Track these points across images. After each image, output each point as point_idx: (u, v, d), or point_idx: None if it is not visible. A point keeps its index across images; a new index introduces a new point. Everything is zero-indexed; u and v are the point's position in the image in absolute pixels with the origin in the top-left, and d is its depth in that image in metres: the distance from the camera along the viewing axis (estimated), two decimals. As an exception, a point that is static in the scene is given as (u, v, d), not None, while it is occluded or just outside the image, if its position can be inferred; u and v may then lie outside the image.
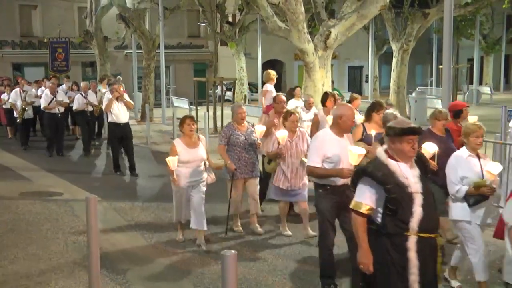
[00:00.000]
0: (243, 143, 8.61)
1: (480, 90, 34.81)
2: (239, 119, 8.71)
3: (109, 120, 13.46)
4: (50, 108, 15.84)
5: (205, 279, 6.85)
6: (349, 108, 6.62)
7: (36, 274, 7.07)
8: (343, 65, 44.76)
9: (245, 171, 8.68)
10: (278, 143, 8.22)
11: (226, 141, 8.67)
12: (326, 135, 6.43)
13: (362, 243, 4.69)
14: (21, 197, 11.24)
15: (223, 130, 8.92)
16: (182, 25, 39.37)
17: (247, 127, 8.77)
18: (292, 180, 8.32)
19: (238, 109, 8.79)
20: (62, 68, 29.56)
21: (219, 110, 20.72)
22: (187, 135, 8.13)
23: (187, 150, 8.01)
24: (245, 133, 8.68)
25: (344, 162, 6.18)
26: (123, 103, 13.11)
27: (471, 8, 25.64)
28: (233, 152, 8.63)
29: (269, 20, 15.91)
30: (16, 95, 17.91)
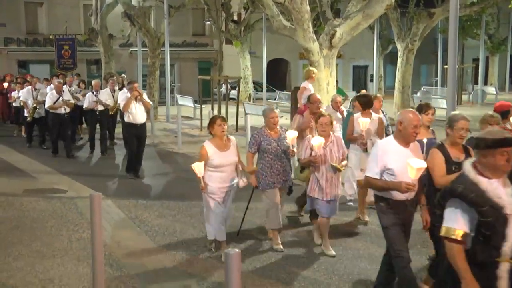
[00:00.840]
0: (275, 150, 7.88)
1: (485, 90, 34.75)
2: (271, 124, 7.94)
3: (126, 120, 12.67)
4: (56, 107, 15.28)
5: (209, 277, 6.86)
6: (410, 112, 5.81)
7: (40, 271, 7.09)
8: (348, 64, 44.73)
9: (278, 180, 7.92)
10: (311, 149, 7.55)
11: (256, 148, 7.92)
12: (389, 144, 5.75)
13: (465, 273, 4.07)
14: (25, 194, 11.27)
15: (253, 136, 8.07)
16: (187, 24, 39.39)
17: (280, 132, 8.01)
18: (327, 190, 7.55)
19: (270, 113, 8.02)
20: (69, 65, 29.38)
21: (223, 108, 20.72)
22: (218, 137, 7.47)
23: (218, 154, 7.39)
24: (278, 139, 7.93)
25: (406, 176, 5.47)
26: (141, 103, 12.52)
27: (477, 7, 25.60)
28: (264, 160, 7.92)
29: (274, 19, 15.92)
30: (27, 93, 17.25)
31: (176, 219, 9.41)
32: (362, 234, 8.59)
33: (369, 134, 8.99)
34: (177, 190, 11.58)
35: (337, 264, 7.29)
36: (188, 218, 9.46)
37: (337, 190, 7.67)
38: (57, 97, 15.28)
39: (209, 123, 7.59)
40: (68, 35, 31.31)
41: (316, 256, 7.62)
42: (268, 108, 8.40)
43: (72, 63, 29.65)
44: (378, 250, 7.39)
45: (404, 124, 5.63)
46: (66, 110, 15.42)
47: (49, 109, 15.45)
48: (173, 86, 32.90)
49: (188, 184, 12.13)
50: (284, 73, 43.71)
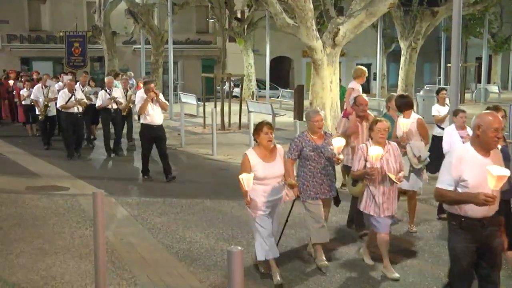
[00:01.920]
0: (319, 157, 7.10)
1: (488, 89, 34.67)
2: (315, 128, 7.12)
3: (142, 122, 12.18)
4: (68, 107, 14.51)
5: (211, 276, 6.86)
6: (489, 113, 5.10)
7: (42, 268, 7.09)
8: (351, 62, 44.52)
9: (321, 191, 7.15)
10: (365, 160, 6.79)
11: (297, 154, 7.15)
12: (466, 151, 5.01)
13: None
14: (27, 192, 11.27)
15: (294, 141, 7.25)
16: (190, 21, 39.37)
17: (324, 137, 7.22)
18: (384, 205, 6.80)
19: (314, 115, 7.13)
20: (79, 63, 28.74)
21: (226, 106, 20.72)
22: (263, 146, 6.64)
23: (263, 165, 6.56)
24: (321, 145, 7.13)
25: (484, 189, 4.71)
26: (158, 104, 12.00)
27: (480, 6, 25.59)
28: (305, 168, 7.15)
29: (277, 16, 15.91)
30: (38, 91, 16.48)
31: (179, 217, 9.41)
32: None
33: (410, 137, 8.32)
34: (179, 188, 11.58)
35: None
36: (191, 216, 9.47)
37: (394, 205, 6.91)
38: (69, 95, 14.54)
39: (254, 129, 6.74)
40: (79, 32, 30.71)
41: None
42: (312, 110, 7.38)
43: (82, 61, 28.89)
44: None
45: (482, 128, 4.90)
46: (79, 109, 14.74)
47: (61, 109, 14.74)
48: (176, 83, 32.92)
49: (191, 182, 12.15)
50: (287, 71, 43.66)
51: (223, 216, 9.42)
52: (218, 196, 10.76)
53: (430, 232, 8.60)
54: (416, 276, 6.87)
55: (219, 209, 9.86)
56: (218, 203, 10.27)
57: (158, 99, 11.96)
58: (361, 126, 8.34)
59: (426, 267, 7.16)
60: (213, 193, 10.99)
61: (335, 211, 8.61)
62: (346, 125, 9.02)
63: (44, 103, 16.16)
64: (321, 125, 7.14)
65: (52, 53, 36.04)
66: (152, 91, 11.86)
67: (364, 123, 8.40)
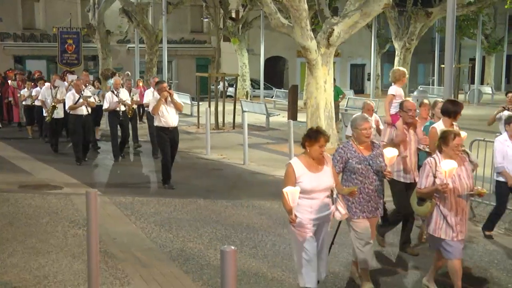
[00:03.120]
0: (367, 171, 6.29)
1: (482, 90, 34.83)
2: (362, 137, 6.31)
3: (157, 124, 11.46)
4: (76, 107, 13.73)
5: (204, 275, 6.85)
6: None
7: (35, 267, 7.07)
8: (346, 63, 44.72)
9: (368, 209, 6.32)
10: (434, 176, 6.00)
11: (342, 166, 6.31)
12: None
13: None
14: (20, 190, 11.24)
15: (338, 151, 6.38)
16: (185, 20, 39.34)
17: (372, 148, 6.44)
18: (457, 227, 5.98)
19: (362, 122, 6.32)
20: (72, 61, 28.17)
21: (221, 106, 20.72)
22: (312, 157, 5.80)
23: (309, 176, 5.74)
24: (369, 156, 6.34)
25: None
26: (172, 105, 11.35)
27: (474, 7, 25.69)
28: (351, 182, 6.30)
29: (272, 16, 15.92)
30: (47, 92, 15.79)
31: (172, 216, 9.40)
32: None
33: None
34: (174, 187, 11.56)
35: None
36: (184, 215, 9.46)
37: (466, 227, 6.17)
38: (77, 96, 13.79)
39: (307, 136, 5.82)
40: (73, 28, 30.34)
41: None
42: (359, 116, 6.59)
43: (76, 59, 28.22)
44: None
45: None
46: (88, 110, 13.95)
47: (69, 111, 13.96)
48: (170, 83, 32.88)
49: (184, 181, 12.13)
50: (282, 71, 43.71)
51: (216, 216, 9.41)
52: (211, 196, 10.76)
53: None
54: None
55: (212, 209, 9.86)
56: (212, 203, 10.27)
57: (172, 99, 11.31)
58: (408, 134, 7.54)
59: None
60: (206, 193, 10.99)
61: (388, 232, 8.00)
62: (392, 134, 7.88)
63: (51, 104, 15.43)
64: (369, 134, 6.34)
65: (46, 51, 35.92)
66: (165, 91, 11.24)
67: (411, 131, 7.62)
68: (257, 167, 13.77)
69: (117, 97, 14.28)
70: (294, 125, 14.65)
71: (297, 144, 14.87)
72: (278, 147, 16.49)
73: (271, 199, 10.46)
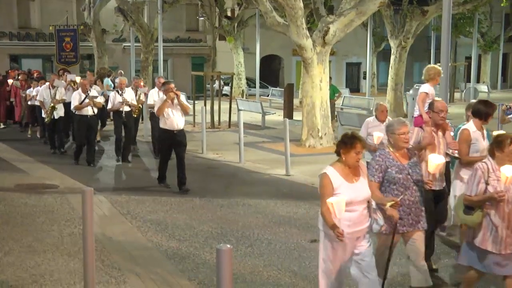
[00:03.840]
0: (407, 180, 5.77)
1: (478, 88, 34.89)
2: (400, 143, 5.80)
3: (161, 126, 10.99)
4: (82, 107, 13.33)
5: (200, 273, 6.86)
6: None
7: (31, 266, 7.07)
8: (341, 61, 44.76)
9: (408, 222, 5.80)
10: (486, 183, 5.49)
11: (381, 176, 5.77)
12: None
13: None
14: (16, 189, 11.22)
15: (375, 160, 5.86)
16: (180, 19, 39.30)
17: (409, 155, 5.93)
18: (507, 240, 5.44)
19: (400, 127, 5.81)
20: (71, 59, 27.87)
21: (216, 104, 20.71)
22: (348, 165, 5.35)
23: (347, 186, 5.27)
24: (408, 164, 5.83)
25: None
26: (179, 106, 10.90)
27: (470, 6, 25.72)
28: (390, 193, 5.77)
29: (268, 15, 15.94)
30: (45, 92, 15.33)
31: (168, 215, 9.40)
32: None
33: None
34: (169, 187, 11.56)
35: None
36: (180, 214, 9.46)
37: None
38: (83, 96, 13.39)
39: (342, 143, 5.39)
40: (70, 26, 30.10)
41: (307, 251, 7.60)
42: (396, 120, 6.03)
43: (74, 57, 27.91)
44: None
45: None
46: (94, 110, 13.54)
47: (75, 111, 13.55)
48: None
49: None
50: (277, 70, 43.71)
51: (212, 215, 9.42)
52: (207, 194, 10.76)
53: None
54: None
55: (208, 208, 9.86)
56: (208, 201, 10.27)
57: (179, 100, 10.85)
58: (437, 136, 6.97)
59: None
60: (202, 191, 10.98)
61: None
62: (420, 136, 7.13)
63: (50, 104, 14.95)
64: (408, 139, 5.84)
65: (42, 50, 35.85)
66: (172, 91, 10.74)
67: (440, 133, 7.06)
68: (253, 165, 13.77)
69: (121, 97, 13.92)
70: (290, 123, 14.65)
71: (292, 142, 14.97)
72: (274, 146, 16.50)
73: (267, 197, 10.47)
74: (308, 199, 10.33)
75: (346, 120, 18.24)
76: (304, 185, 11.64)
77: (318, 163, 13.99)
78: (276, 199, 10.38)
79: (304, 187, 11.52)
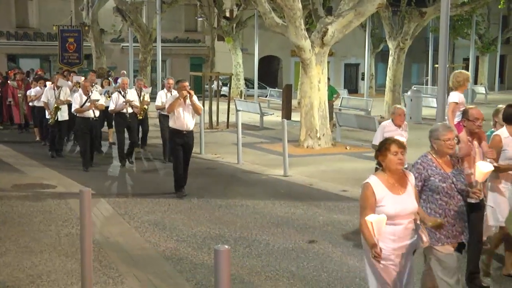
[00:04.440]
0: (451, 190, 5.33)
1: (475, 89, 34.95)
2: (445, 149, 5.35)
3: (171, 126, 10.68)
4: (83, 110, 12.87)
5: (198, 274, 6.85)
6: None
7: (28, 267, 7.05)
8: (340, 62, 44.76)
9: (452, 234, 5.35)
10: None
11: (421, 185, 5.34)
12: None
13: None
14: (14, 189, 11.20)
15: (416, 167, 5.41)
16: (179, 19, 39.30)
17: (453, 162, 5.47)
18: None
19: (445, 132, 5.36)
20: (74, 60, 27.39)
21: (215, 105, 20.71)
22: (391, 171, 4.88)
23: (392, 198, 4.81)
24: (452, 173, 5.38)
25: None
26: (191, 106, 10.53)
27: (468, 7, 25.74)
28: (434, 203, 5.35)
29: (266, 16, 15.93)
30: (49, 93, 14.74)
31: (166, 215, 9.39)
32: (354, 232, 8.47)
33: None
34: (167, 186, 11.52)
35: (327, 261, 7.30)
36: (178, 215, 9.45)
37: None
38: (85, 98, 12.96)
39: (377, 150, 5.01)
40: (74, 26, 29.82)
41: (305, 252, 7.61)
42: (442, 125, 5.56)
43: (77, 58, 27.46)
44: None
45: None
46: (95, 113, 13.09)
47: (76, 113, 13.13)
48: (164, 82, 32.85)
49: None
50: (276, 70, 43.71)
51: (210, 215, 9.41)
52: (205, 195, 10.74)
53: None
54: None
55: (206, 208, 9.85)
56: (206, 202, 10.26)
57: (191, 100, 10.47)
58: (473, 145, 6.50)
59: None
60: (200, 192, 10.97)
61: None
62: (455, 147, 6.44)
63: (54, 105, 14.45)
64: (453, 145, 5.38)
65: (39, 50, 35.84)
66: (184, 90, 10.38)
67: (475, 142, 6.59)
68: (251, 166, 13.76)
69: (124, 97, 13.51)
70: (288, 124, 14.66)
71: (290, 143, 14.97)
72: (272, 147, 16.50)
73: (265, 198, 10.46)
74: (306, 199, 10.34)
75: (344, 121, 18.25)
76: (302, 186, 11.64)
77: (316, 163, 14.03)
78: (274, 199, 10.38)
79: (302, 187, 11.52)
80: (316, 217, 9.25)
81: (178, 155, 10.64)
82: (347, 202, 10.16)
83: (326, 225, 8.82)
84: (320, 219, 9.11)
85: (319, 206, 9.89)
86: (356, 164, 13.96)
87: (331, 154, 15.36)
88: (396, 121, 9.06)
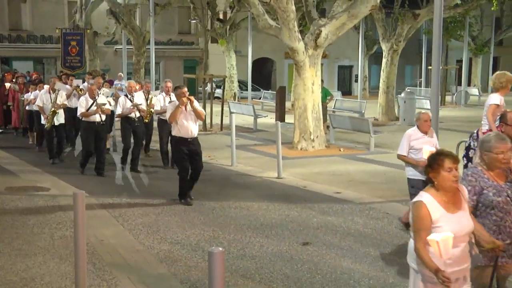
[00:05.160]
0: (506, 204, 4.91)
1: (469, 91, 35.10)
2: (497, 163, 4.92)
3: (173, 134, 10.23)
4: (89, 114, 12.59)
5: (192, 276, 6.84)
6: None
7: (22, 269, 7.02)
8: (333, 64, 44.86)
9: (508, 253, 4.95)
10: None
11: (476, 199, 4.93)
12: None
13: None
14: (7, 192, 11.16)
15: (467, 180, 4.96)
16: (172, 22, 39.30)
17: (505, 174, 5.03)
18: None
19: (499, 145, 4.89)
20: (76, 64, 27.03)
21: (208, 107, 20.70)
22: (445, 189, 4.39)
23: (449, 218, 4.35)
24: (506, 185, 4.97)
25: None
26: (192, 112, 10.15)
27: (461, 9, 25.84)
28: (487, 219, 4.94)
29: (260, 18, 15.94)
30: (45, 96, 14.37)
31: (160, 218, 9.38)
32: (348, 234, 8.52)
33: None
34: (161, 189, 11.55)
35: (320, 263, 7.31)
36: (172, 217, 9.44)
37: None
38: (91, 102, 12.63)
39: (428, 165, 4.49)
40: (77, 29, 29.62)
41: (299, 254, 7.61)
42: (494, 137, 5.03)
43: (79, 61, 26.99)
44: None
45: None
46: (101, 117, 12.74)
47: (81, 117, 12.80)
48: (158, 84, 32.82)
49: (172, 183, 12.10)
50: (270, 73, 43.75)
51: (204, 217, 9.40)
52: (199, 197, 10.73)
53: None
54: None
55: (200, 210, 9.84)
56: (199, 204, 10.25)
57: (192, 106, 10.07)
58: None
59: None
60: (194, 194, 10.93)
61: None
62: None
63: (51, 109, 13.99)
64: (507, 160, 4.88)
65: (33, 52, 35.76)
66: (184, 96, 9.97)
67: None
68: (245, 168, 13.76)
69: (131, 101, 13.15)
70: (282, 126, 14.67)
71: (284, 145, 14.98)
72: (266, 149, 16.50)
73: (259, 200, 10.46)
74: (300, 202, 10.35)
75: (338, 123, 18.28)
76: (296, 188, 11.65)
77: (310, 165, 14.04)
78: (268, 202, 10.38)
79: (296, 190, 11.52)
80: (310, 219, 9.26)
81: (184, 166, 10.21)
82: (341, 204, 10.18)
83: (320, 227, 8.82)
84: (314, 221, 9.12)
85: (313, 208, 9.90)
86: (350, 166, 13.99)
87: (325, 156, 15.37)
88: (421, 127, 8.23)
